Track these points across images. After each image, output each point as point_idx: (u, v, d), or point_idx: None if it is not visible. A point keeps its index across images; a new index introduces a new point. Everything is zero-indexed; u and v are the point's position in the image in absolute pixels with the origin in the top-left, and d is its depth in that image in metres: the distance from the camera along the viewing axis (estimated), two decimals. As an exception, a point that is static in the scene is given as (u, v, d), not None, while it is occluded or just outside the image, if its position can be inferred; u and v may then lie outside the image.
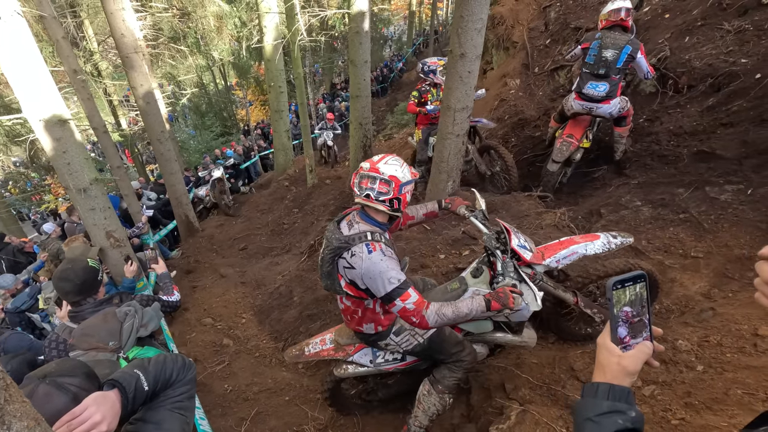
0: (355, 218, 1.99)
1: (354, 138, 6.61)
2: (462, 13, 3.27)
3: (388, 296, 1.82)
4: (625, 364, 0.76)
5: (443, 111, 3.83)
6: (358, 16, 5.62)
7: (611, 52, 3.75)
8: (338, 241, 1.91)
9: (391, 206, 1.90)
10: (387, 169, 1.88)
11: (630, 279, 0.78)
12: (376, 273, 1.80)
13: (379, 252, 1.82)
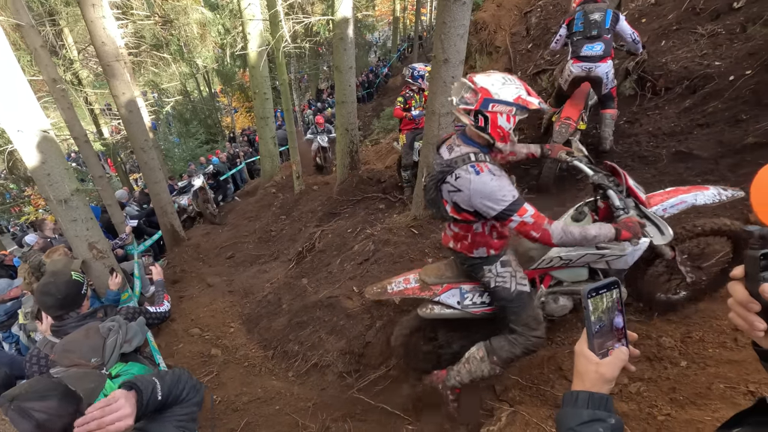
0: (455, 141, 1.91)
1: (341, 143, 6.61)
2: (444, 19, 3.32)
3: (503, 214, 1.74)
4: (602, 371, 0.77)
5: (428, 116, 3.86)
6: (342, 23, 5.65)
7: (598, 14, 3.93)
8: (440, 165, 1.87)
9: (476, 122, 1.77)
10: (480, 80, 1.77)
11: (605, 286, 0.79)
12: (486, 193, 1.73)
13: (488, 172, 1.74)
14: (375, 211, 5.83)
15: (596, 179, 2.10)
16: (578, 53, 4.05)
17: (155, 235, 7.56)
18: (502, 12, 7.40)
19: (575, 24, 4.09)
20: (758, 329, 0.69)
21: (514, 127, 1.79)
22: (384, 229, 4.54)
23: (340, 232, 5.50)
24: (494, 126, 1.75)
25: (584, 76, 4.12)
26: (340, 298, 3.85)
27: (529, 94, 1.78)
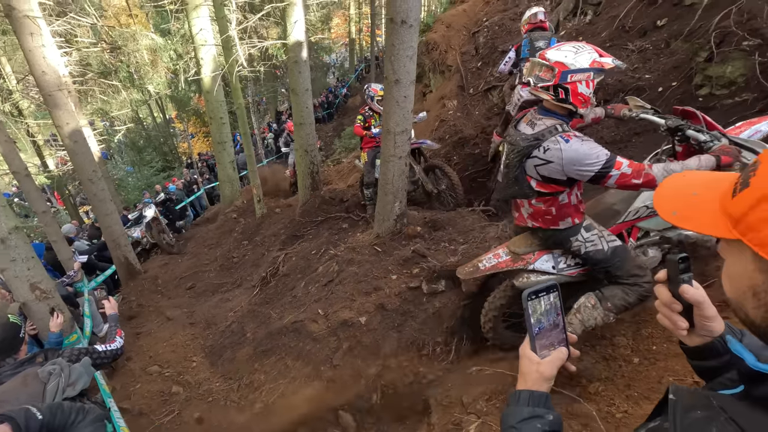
0: (534, 116, 1.95)
1: (301, 165, 6.58)
2: (393, 41, 3.42)
3: (600, 173, 1.79)
4: (542, 370, 0.80)
5: (384, 135, 3.93)
6: (296, 46, 5.69)
7: (542, 42, 4.30)
8: (526, 140, 1.89)
9: (556, 95, 1.83)
10: (553, 56, 1.83)
11: (544, 290, 0.83)
12: (581, 157, 1.78)
13: (576, 139, 1.80)
14: (338, 231, 5.80)
15: (671, 123, 2.13)
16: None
17: (108, 270, 7.16)
18: (452, 32, 7.73)
19: (523, 50, 4.43)
20: (681, 328, 0.73)
21: (594, 89, 1.86)
22: (347, 248, 4.52)
23: (304, 254, 5.43)
24: (575, 95, 1.83)
25: (533, 100, 4.39)
26: (305, 323, 3.78)
27: (601, 55, 1.84)
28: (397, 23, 3.32)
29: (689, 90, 4.10)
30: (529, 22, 4.53)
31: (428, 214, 4.47)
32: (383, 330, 3.32)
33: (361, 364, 3.20)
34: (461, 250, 3.64)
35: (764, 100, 3.49)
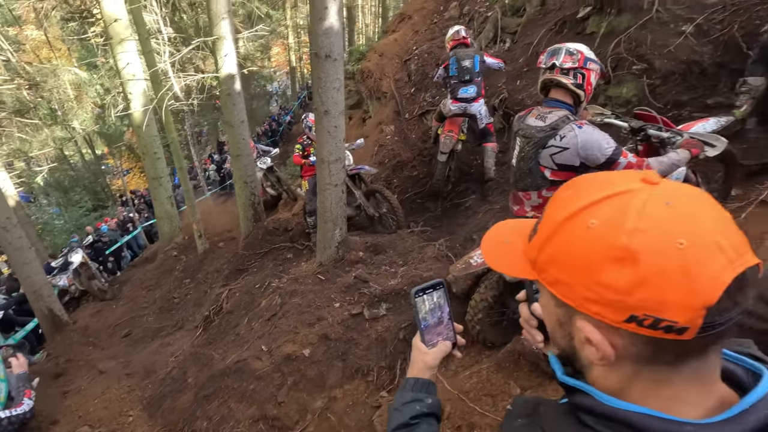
0: (541, 110, 2.07)
1: (241, 197, 6.46)
2: (319, 74, 3.51)
3: (611, 159, 1.92)
4: (426, 360, 0.89)
5: (318, 164, 3.98)
6: (228, 79, 5.67)
7: (467, 61, 4.63)
8: (541, 131, 2.01)
9: (575, 81, 1.98)
10: (573, 45, 2.01)
11: (429, 287, 0.91)
12: (593, 142, 1.91)
13: (588, 126, 1.94)
14: (283, 262, 5.71)
15: (634, 125, 2.36)
16: (456, 95, 4.75)
17: (29, 324, 6.53)
18: (385, 60, 8.03)
19: (451, 69, 4.77)
20: (537, 341, 0.82)
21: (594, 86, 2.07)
22: (291, 279, 4.46)
23: (248, 288, 5.27)
24: (588, 83, 2.01)
25: (461, 113, 4.78)
26: (248, 361, 3.65)
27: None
28: (322, 57, 3.43)
29: (595, 109, 4.53)
30: (453, 39, 4.92)
31: (369, 239, 4.53)
32: (327, 360, 3.28)
33: (307, 398, 3.14)
34: (401, 272, 3.72)
35: (655, 116, 3.93)
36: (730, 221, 0.43)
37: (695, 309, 0.40)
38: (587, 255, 0.45)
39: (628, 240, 0.42)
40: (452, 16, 7.86)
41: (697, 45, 4.03)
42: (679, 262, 0.40)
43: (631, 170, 0.49)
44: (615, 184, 0.47)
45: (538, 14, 6.38)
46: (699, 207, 0.43)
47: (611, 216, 0.44)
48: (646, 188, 0.45)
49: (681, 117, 3.74)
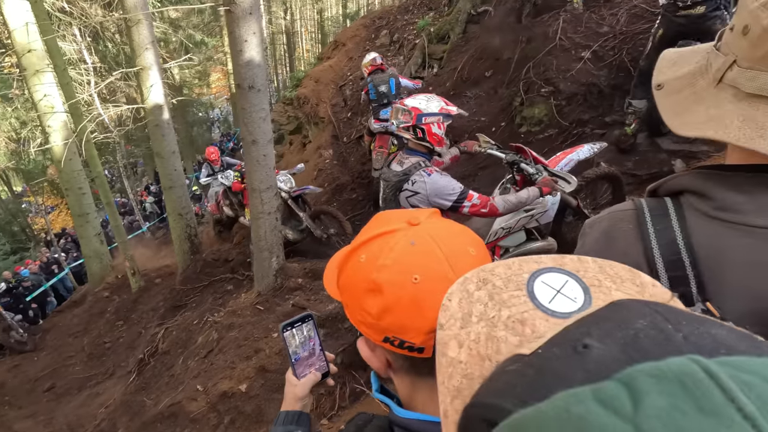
0: (402, 156, 2.22)
1: (176, 230, 6.21)
2: (244, 105, 3.53)
3: (456, 204, 2.06)
4: (296, 391, 0.90)
5: (250, 193, 3.95)
6: (155, 109, 5.51)
7: (383, 86, 5.04)
8: (396, 176, 2.15)
9: (415, 135, 2.13)
10: (410, 102, 2.16)
11: (298, 321, 0.93)
12: (439, 188, 2.04)
13: (436, 173, 2.08)
14: (223, 294, 5.52)
15: (509, 158, 2.56)
16: (377, 116, 5.09)
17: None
18: (321, 87, 8.18)
19: (371, 94, 5.11)
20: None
21: (444, 132, 2.19)
22: (228, 312, 4.33)
23: (186, 325, 5.04)
24: (430, 134, 2.15)
25: (384, 132, 5.06)
26: (183, 403, 3.47)
27: (447, 104, 2.20)
28: (245, 89, 3.45)
29: (514, 128, 4.89)
30: (371, 65, 5.22)
31: (308, 264, 4.52)
32: (266, 394, 3.20)
33: (245, 436, 3.03)
34: (338, 296, 3.73)
35: (563, 133, 4.32)
36: (468, 255, 0.52)
37: (427, 332, 0.48)
38: (356, 284, 0.53)
39: (377, 275, 0.50)
40: (383, 43, 8.19)
41: (594, 69, 4.50)
42: (412, 294, 0.48)
43: (404, 212, 0.57)
44: (389, 223, 0.55)
45: (461, 41, 6.83)
46: (440, 245, 0.51)
47: (374, 253, 0.52)
48: (405, 229, 0.53)
49: (584, 133, 4.13)
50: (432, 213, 0.58)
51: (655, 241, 0.64)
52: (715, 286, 0.60)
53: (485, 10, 6.68)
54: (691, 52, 0.70)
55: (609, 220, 0.72)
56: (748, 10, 0.57)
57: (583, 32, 4.89)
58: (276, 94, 22.69)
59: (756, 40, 0.56)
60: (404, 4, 9.44)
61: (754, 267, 0.58)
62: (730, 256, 0.59)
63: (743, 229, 0.59)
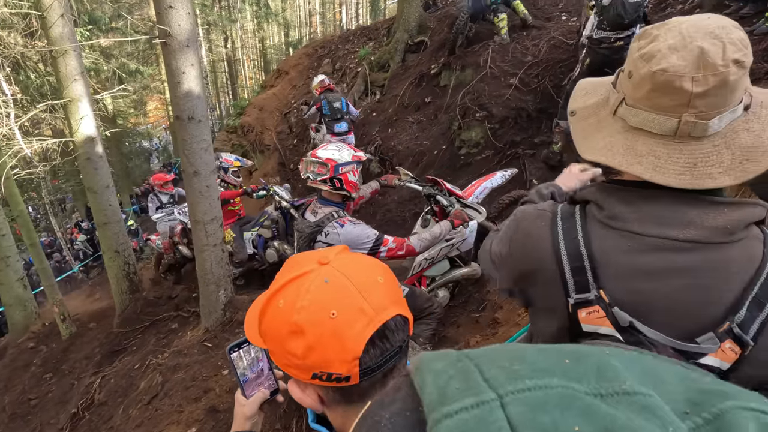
0: (316, 205, 2.23)
1: (112, 269, 5.82)
2: (184, 137, 3.46)
3: (372, 250, 2.08)
4: (245, 410, 0.91)
5: (194, 225, 3.83)
6: (86, 143, 5.22)
7: (337, 102, 5.44)
8: (310, 227, 2.13)
9: (333, 186, 2.15)
10: (323, 154, 2.16)
11: (244, 341, 0.93)
12: (353, 238, 2.05)
13: (350, 223, 2.10)
14: (167, 334, 5.21)
15: (426, 191, 2.67)
16: (332, 130, 5.47)
17: None
18: (265, 114, 8.16)
19: (324, 109, 5.46)
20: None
21: (358, 177, 2.27)
22: (173, 353, 4.09)
23: (126, 371, 4.68)
24: (347, 183, 2.19)
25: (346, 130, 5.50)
26: (124, 457, 3.20)
27: (356, 151, 2.29)
28: (185, 120, 3.39)
29: (454, 150, 5.15)
30: (320, 86, 5.67)
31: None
32: (217, 435, 3.04)
33: (195, 485, 2.85)
34: (291, 325, 3.67)
35: (499, 154, 4.62)
36: (378, 284, 0.58)
37: (349, 361, 0.53)
38: (279, 329, 0.56)
39: (298, 317, 0.54)
40: (326, 71, 8.37)
41: (522, 95, 4.89)
42: (332, 329, 0.53)
43: (314, 252, 0.62)
44: (301, 266, 0.59)
45: (400, 69, 7.15)
46: (351, 279, 0.56)
47: (291, 296, 0.56)
48: (317, 269, 0.57)
49: (517, 153, 4.45)
50: (341, 250, 0.63)
51: (561, 237, 0.76)
52: (605, 278, 0.72)
53: (422, 40, 7.06)
54: (600, 84, 0.84)
55: (527, 213, 0.85)
56: (632, 58, 0.70)
57: (510, 61, 5.32)
58: (219, 122, 22.20)
59: (637, 84, 0.69)
60: (345, 34, 9.76)
61: (631, 265, 0.70)
62: (614, 255, 0.72)
63: (625, 234, 0.71)
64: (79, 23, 9.68)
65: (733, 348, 0.65)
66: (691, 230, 0.67)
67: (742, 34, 0.64)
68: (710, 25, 0.64)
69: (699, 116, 0.64)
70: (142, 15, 18.32)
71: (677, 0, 5.14)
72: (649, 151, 0.69)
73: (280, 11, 20.45)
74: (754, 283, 0.65)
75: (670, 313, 0.68)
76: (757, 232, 0.69)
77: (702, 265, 0.67)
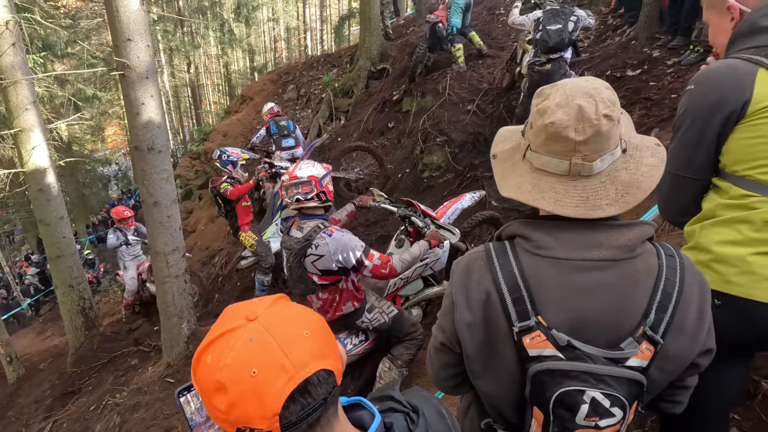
0: (300, 222, 2.30)
1: (66, 304, 5.53)
2: (144, 167, 3.42)
3: (359, 261, 2.16)
4: None
5: (154, 257, 3.74)
6: (38, 173, 5.01)
7: (284, 122, 5.95)
8: (299, 243, 2.21)
9: (320, 200, 2.27)
10: (303, 173, 2.27)
11: (191, 385, 0.94)
12: (343, 246, 2.14)
13: (337, 232, 2.18)
14: (126, 371, 4.96)
15: (401, 212, 2.75)
16: (281, 146, 5.82)
17: None
18: (229, 140, 8.11)
19: (272, 129, 5.86)
20: None
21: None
22: (133, 391, 3.92)
23: (80, 414, 4.42)
24: (329, 193, 2.33)
25: (290, 159, 5.66)
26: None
27: (321, 163, 2.42)
28: (144, 150, 3.36)
29: (417, 174, 5.30)
30: (270, 113, 6.09)
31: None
32: (180, 477, 2.92)
33: None
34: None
35: (460, 177, 4.79)
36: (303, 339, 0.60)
37: (269, 417, 0.56)
38: (206, 385, 0.59)
39: (220, 375, 0.56)
40: (291, 97, 8.47)
41: (479, 120, 5.14)
42: (252, 386, 0.55)
43: (246, 305, 0.64)
44: (231, 320, 0.61)
45: (364, 95, 7.33)
46: (275, 335, 0.58)
47: (217, 353, 0.58)
48: (244, 325, 0.59)
49: (477, 176, 4.63)
50: (273, 301, 0.64)
51: (499, 272, 0.84)
52: (541, 304, 0.81)
53: (384, 67, 7.30)
54: (515, 131, 0.97)
55: (467, 259, 0.93)
56: (532, 112, 0.84)
57: (467, 88, 5.60)
58: (182, 147, 21.74)
59: (536, 133, 0.83)
60: (309, 61, 9.93)
61: (560, 287, 0.80)
62: (546, 280, 0.81)
63: (552, 260, 0.81)
64: (32, 50, 9.38)
65: (649, 347, 0.76)
66: (603, 251, 0.79)
67: (611, 94, 0.78)
68: (587, 87, 0.78)
69: (584, 159, 0.78)
70: (100, 40, 17.95)
71: (615, 32, 5.61)
72: (551, 188, 0.82)
73: (245, 37, 20.51)
74: (657, 290, 0.77)
75: (598, 325, 0.79)
76: (650, 247, 0.82)
77: (617, 280, 0.79)
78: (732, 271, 1.06)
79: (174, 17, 15.79)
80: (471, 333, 0.87)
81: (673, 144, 1.18)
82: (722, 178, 1.11)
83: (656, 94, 4.11)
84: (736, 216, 1.07)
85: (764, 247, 1.03)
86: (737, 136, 1.05)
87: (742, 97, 1.01)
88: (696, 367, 0.84)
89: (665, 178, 1.13)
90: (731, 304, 1.06)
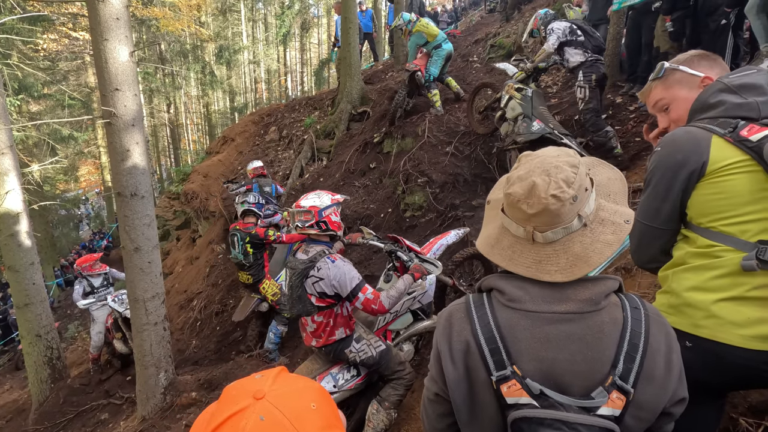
0: (307, 246, 2.43)
1: (31, 355, 5.23)
2: (126, 213, 3.38)
3: (353, 292, 2.26)
4: None
5: (132, 304, 3.63)
6: (10, 218, 4.87)
7: (267, 187, 6.03)
8: (303, 264, 2.33)
9: (320, 228, 2.37)
10: (306, 202, 2.41)
11: None
12: (342, 274, 2.26)
13: (340, 260, 2.32)
14: (96, 426, 4.66)
15: (387, 248, 2.82)
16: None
17: None
18: (210, 181, 8.09)
19: (254, 189, 5.94)
20: None
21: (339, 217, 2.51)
22: (103, 449, 3.67)
23: (42, 478, 4.08)
24: (332, 224, 2.42)
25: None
26: None
27: (333, 195, 2.53)
28: (127, 196, 3.34)
29: (399, 213, 5.40)
30: (254, 172, 6.15)
31: (202, 374, 4.14)
32: None
33: None
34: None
35: (441, 216, 4.91)
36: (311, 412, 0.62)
37: None
38: None
39: None
40: (273, 138, 8.60)
41: (458, 161, 5.33)
42: None
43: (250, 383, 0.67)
44: (237, 401, 0.63)
45: (345, 137, 7.52)
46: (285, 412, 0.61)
47: None
48: (252, 405, 0.61)
49: (458, 216, 4.76)
50: (276, 375, 0.67)
51: (477, 323, 0.90)
52: (516, 354, 0.86)
53: (364, 110, 7.55)
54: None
55: (450, 309, 0.99)
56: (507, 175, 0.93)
57: (445, 131, 5.83)
58: (159, 186, 21.45)
59: (504, 197, 0.93)
60: (291, 103, 10.17)
61: (533, 338, 0.86)
62: (519, 332, 0.87)
63: (524, 313, 0.87)
64: (9, 92, 9.31)
65: (620, 396, 0.80)
66: (570, 304, 0.85)
67: (569, 174, 0.84)
68: (550, 164, 0.86)
69: (537, 229, 0.86)
70: (78, 81, 17.95)
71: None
72: (510, 246, 0.91)
73: (226, 78, 20.92)
74: (623, 341, 0.82)
75: (571, 374, 0.84)
76: (615, 300, 0.87)
77: (585, 331, 0.84)
78: (699, 315, 1.15)
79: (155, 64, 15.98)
80: (456, 383, 0.91)
81: (643, 197, 1.30)
82: (690, 230, 1.22)
83: (621, 137, 4.40)
84: (703, 263, 1.17)
85: (727, 292, 1.13)
86: (700, 192, 1.17)
87: (701, 159, 1.14)
88: (670, 416, 0.88)
89: (636, 227, 1.23)
90: (700, 346, 1.14)
